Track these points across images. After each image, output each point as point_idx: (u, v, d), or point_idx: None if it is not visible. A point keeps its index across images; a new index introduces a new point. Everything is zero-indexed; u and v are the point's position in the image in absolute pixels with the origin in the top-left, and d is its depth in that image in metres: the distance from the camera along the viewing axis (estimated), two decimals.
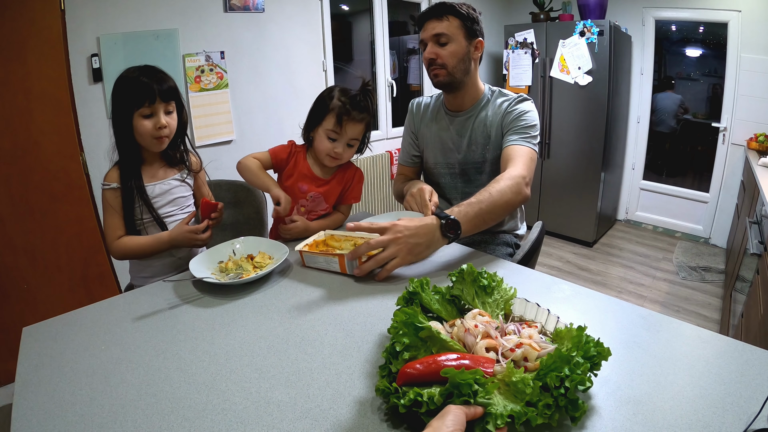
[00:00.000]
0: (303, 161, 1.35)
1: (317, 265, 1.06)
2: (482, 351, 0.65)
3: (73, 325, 0.85)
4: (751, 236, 1.85)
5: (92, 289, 2.04)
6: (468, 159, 1.42)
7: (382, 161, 3.25)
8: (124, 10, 2.01)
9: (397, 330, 0.66)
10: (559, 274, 2.77)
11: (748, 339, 1.57)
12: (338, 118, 1.23)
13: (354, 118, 1.24)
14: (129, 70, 1.13)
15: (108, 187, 1.15)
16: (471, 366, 0.59)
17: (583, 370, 0.56)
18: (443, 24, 1.31)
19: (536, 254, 1.45)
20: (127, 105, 1.11)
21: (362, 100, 1.25)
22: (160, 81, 1.12)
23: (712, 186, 3.41)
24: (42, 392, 0.66)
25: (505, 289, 0.80)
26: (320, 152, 1.30)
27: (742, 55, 3.06)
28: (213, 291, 0.96)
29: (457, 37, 1.31)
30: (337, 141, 1.27)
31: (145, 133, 1.12)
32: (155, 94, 1.11)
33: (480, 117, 1.40)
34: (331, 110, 1.25)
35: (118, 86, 1.12)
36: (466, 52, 1.33)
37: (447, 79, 1.34)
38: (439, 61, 1.32)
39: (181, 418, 0.60)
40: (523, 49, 3.42)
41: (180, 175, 1.26)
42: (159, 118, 1.12)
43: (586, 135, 3.30)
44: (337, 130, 1.24)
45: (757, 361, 0.68)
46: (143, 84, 1.10)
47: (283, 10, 2.61)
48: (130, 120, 1.11)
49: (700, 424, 0.56)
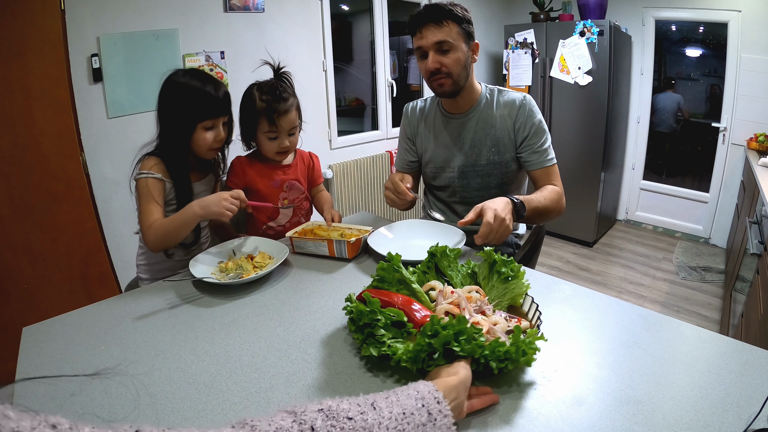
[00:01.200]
0: (257, 164, 1.37)
1: (306, 249, 1.15)
2: (441, 312, 0.74)
3: (73, 325, 0.85)
4: (751, 236, 1.85)
5: (92, 289, 2.03)
6: (469, 161, 1.39)
7: (382, 161, 3.25)
8: (124, 10, 2.01)
9: (378, 274, 0.85)
10: (559, 274, 2.77)
11: (748, 339, 1.57)
12: (269, 118, 1.26)
13: (283, 109, 1.26)
14: (182, 75, 1.12)
15: (151, 176, 1.11)
16: (403, 305, 0.74)
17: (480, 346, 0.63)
18: (444, 31, 1.24)
19: (536, 254, 1.46)
20: (191, 115, 1.11)
21: (281, 88, 1.27)
22: (219, 88, 1.14)
23: (712, 186, 3.41)
24: (42, 392, 0.66)
25: (522, 283, 0.84)
26: (269, 153, 1.33)
27: (742, 55, 3.06)
28: (213, 291, 0.96)
29: (459, 43, 1.27)
30: (278, 138, 1.30)
31: (204, 144, 1.14)
32: (220, 109, 1.13)
33: (482, 118, 1.36)
34: (259, 113, 1.26)
35: (176, 93, 1.11)
36: (467, 57, 1.30)
37: (452, 88, 1.30)
38: (444, 70, 1.27)
39: (181, 418, 0.60)
40: (523, 49, 3.42)
41: (208, 179, 1.27)
42: (220, 131, 1.15)
43: (586, 135, 3.30)
44: (273, 129, 1.27)
45: (757, 361, 0.68)
46: (209, 95, 1.11)
47: (283, 10, 2.61)
48: (191, 129, 1.12)
49: (700, 424, 0.56)
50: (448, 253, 0.92)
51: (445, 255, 0.91)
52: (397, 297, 0.77)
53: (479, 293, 0.80)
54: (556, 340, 0.75)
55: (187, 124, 1.11)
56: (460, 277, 0.90)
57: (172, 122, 1.13)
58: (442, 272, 0.91)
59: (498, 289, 0.84)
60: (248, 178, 1.35)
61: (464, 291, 0.81)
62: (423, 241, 1.13)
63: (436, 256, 0.91)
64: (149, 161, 1.13)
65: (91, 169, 1.98)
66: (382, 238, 1.20)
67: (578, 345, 0.75)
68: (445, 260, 0.91)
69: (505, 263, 0.85)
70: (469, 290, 0.81)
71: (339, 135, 3.08)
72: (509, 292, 0.83)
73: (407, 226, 1.28)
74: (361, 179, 3.13)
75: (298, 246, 1.16)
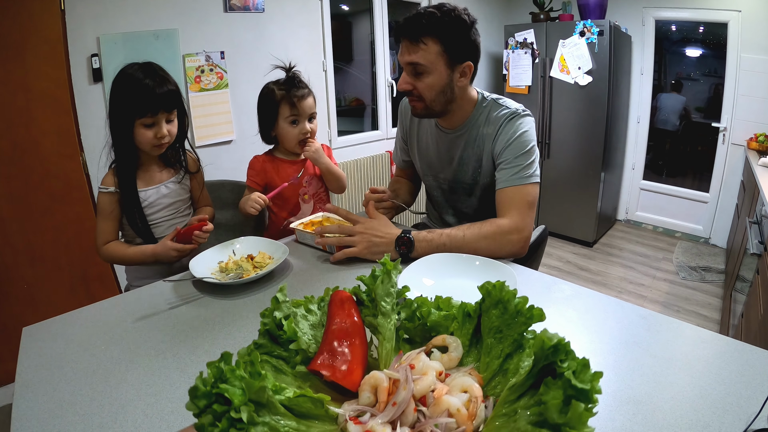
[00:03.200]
0: (276, 161, 1.43)
1: (306, 240, 1.18)
2: (365, 386, 0.46)
3: (73, 325, 0.85)
4: (751, 236, 1.85)
5: (92, 289, 2.04)
6: (458, 178, 1.29)
7: (382, 161, 3.25)
8: (124, 10, 2.01)
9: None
10: (559, 274, 2.77)
11: (748, 339, 1.57)
12: (290, 102, 1.33)
13: (301, 95, 1.34)
14: (130, 67, 1.09)
15: (105, 191, 1.13)
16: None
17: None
18: (418, 52, 1.08)
19: (537, 256, 1.38)
20: (129, 111, 1.07)
21: (296, 79, 1.36)
22: (162, 84, 1.08)
23: (712, 186, 3.41)
24: (42, 392, 0.66)
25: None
26: (291, 141, 1.38)
27: (742, 55, 3.06)
28: (213, 291, 0.96)
29: (436, 66, 1.09)
30: (299, 122, 1.36)
31: (146, 141, 1.11)
32: (158, 105, 1.07)
33: (471, 136, 1.23)
34: (280, 101, 1.34)
35: (118, 86, 1.08)
36: (446, 82, 1.12)
37: (425, 112, 1.18)
38: (416, 93, 1.14)
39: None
40: (523, 49, 3.42)
41: (176, 177, 1.25)
42: (160, 128, 1.09)
43: (586, 135, 3.30)
44: (295, 111, 1.34)
45: (757, 361, 0.67)
46: (147, 90, 1.05)
47: (283, 10, 2.61)
48: (131, 126, 1.08)
49: (700, 424, 0.56)
50: (510, 308, 0.50)
51: (502, 307, 0.51)
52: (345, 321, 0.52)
53: (471, 404, 0.44)
54: None
55: (125, 118, 1.07)
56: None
57: (114, 119, 1.10)
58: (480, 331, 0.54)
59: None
60: (268, 175, 1.41)
61: (457, 386, 0.45)
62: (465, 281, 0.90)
63: (485, 302, 0.53)
64: (109, 175, 1.15)
65: (91, 169, 1.98)
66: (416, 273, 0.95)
67: (578, 345, 0.75)
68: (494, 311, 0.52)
69: (579, 375, 0.39)
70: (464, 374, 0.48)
71: (339, 135, 3.08)
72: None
73: (442, 262, 0.99)
74: (361, 179, 3.13)
75: (300, 237, 1.20)
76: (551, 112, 3.42)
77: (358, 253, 1.05)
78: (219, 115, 2.42)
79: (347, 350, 0.48)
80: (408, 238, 1.05)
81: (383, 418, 0.41)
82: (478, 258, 1.00)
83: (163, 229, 1.22)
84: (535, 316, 0.48)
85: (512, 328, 0.48)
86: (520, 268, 1.04)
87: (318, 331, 0.52)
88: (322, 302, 0.56)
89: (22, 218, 1.83)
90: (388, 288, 0.55)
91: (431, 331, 0.53)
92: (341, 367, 0.47)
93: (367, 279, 0.57)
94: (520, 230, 1.08)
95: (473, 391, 0.44)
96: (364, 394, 0.45)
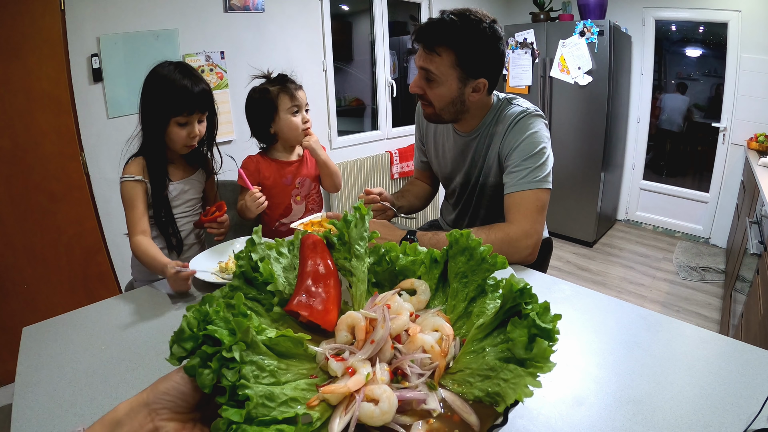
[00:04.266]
0: (269, 162, 1.43)
1: None
2: (342, 325, 0.47)
3: (73, 325, 0.85)
4: (751, 236, 1.85)
5: (92, 289, 2.03)
6: (468, 179, 1.28)
7: (382, 161, 3.25)
8: (124, 10, 2.01)
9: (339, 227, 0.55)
10: (559, 274, 2.77)
11: (748, 339, 1.57)
12: (289, 93, 1.36)
13: (295, 87, 1.38)
14: (165, 67, 1.11)
15: (131, 180, 1.12)
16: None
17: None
18: (433, 62, 1.04)
19: (543, 265, 1.33)
20: (164, 109, 1.09)
21: (285, 76, 1.39)
22: (198, 83, 1.11)
23: (712, 186, 3.41)
24: (42, 392, 0.66)
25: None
26: (292, 132, 1.39)
27: (742, 55, 3.06)
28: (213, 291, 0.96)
29: (447, 78, 1.05)
30: (298, 111, 1.38)
31: (178, 140, 1.13)
32: (195, 105, 1.10)
33: (483, 137, 1.20)
34: (278, 94, 1.36)
35: (153, 84, 1.10)
36: (457, 95, 1.08)
37: (434, 119, 1.16)
38: (427, 98, 1.12)
39: None
40: (523, 49, 3.42)
41: (196, 174, 1.26)
42: (193, 128, 1.13)
43: (586, 135, 3.30)
44: (295, 102, 1.37)
45: (757, 361, 0.68)
46: (184, 90, 1.08)
47: (283, 10, 2.61)
48: (165, 123, 1.10)
49: (700, 424, 0.56)
50: (475, 255, 0.55)
51: (468, 254, 0.55)
52: (318, 262, 0.52)
53: (442, 341, 0.46)
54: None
55: (160, 118, 1.10)
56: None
57: (147, 115, 1.12)
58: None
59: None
60: (261, 175, 1.41)
61: (429, 325, 0.48)
62: None
63: (452, 248, 0.57)
64: (132, 163, 1.14)
65: (91, 169, 1.98)
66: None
67: (578, 345, 0.75)
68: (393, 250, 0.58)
69: (542, 317, 0.43)
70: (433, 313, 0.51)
71: (339, 135, 3.08)
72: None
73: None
74: (361, 179, 3.13)
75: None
76: (551, 113, 3.42)
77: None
78: (219, 116, 2.41)
79: (322, 291, 0.49)
80: (413, 241, 1.05)
81: (363, 355, 0.43)
82: None
83: (179, 225, 1.22)
84: (499, 263, 0.52)
85: (477, 273, 0.52)
86: (520, 268, 1.04)
87: (290, 273, 0.53)
88: (292, 246, 0.57)
89: (22, 218, 1.83)
90: (362, 232, 0.57)
91: (399, 276, 0.56)
92: (318, 308, 0.47)
93: (339, 223, 0.58)
94: (529, 236, 1.03)
95: (444, 330, 0.46)
96: (342, 333, 0.46)
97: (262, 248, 0.53)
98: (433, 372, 0.43)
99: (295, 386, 0.39)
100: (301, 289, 0.49)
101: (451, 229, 1.10)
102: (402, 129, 3.47)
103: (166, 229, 1.19)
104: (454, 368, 0.44)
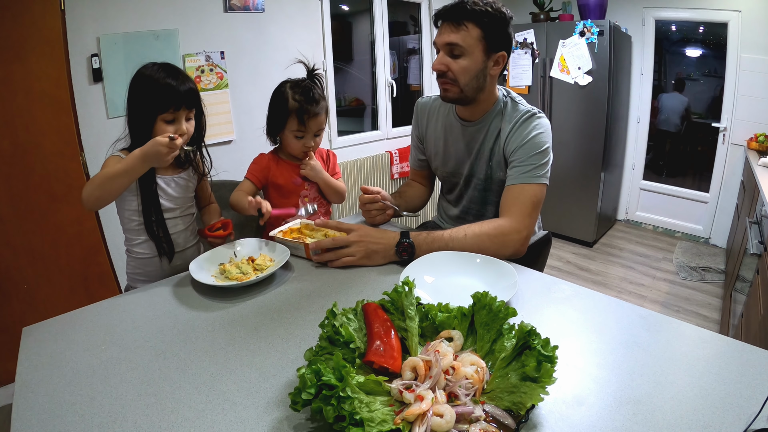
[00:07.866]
0: (281, 161, 1.41)
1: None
2: (407, 366, 0.63)
3: (73, 325, 0.85)
4: (751, 236, 1.85)
5: (92, 289, 2.04)
6: (472, 171, 1.30)
7: (382, 161, 3.25)
8: (124, 10, 2.01)
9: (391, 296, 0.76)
10: (559, 274, 2.77)
11: (748, 339, 1.57)
12: (299, 118, 1.29)
13: (314, 113, 1.30)
14: (149, 67, 1.11)
15: (117, 154, 1.10)
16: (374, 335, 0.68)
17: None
18: (459, 34, 1.12)
19: (540, 261, 1.36)
20: (151, 107, 1.09)
21: (315, 90, 1.31)
22: (184, 81, 1.11)
23: (712, 186, 3.41)
24: (42, 392, 0.66)
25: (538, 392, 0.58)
26: (294, 151, 1.37)
27: (742, 55, 3.06)
28: (213, 293, 0.96)
29: (474, 50, 1.13)
30: (304, 138, 1.34)
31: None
32: (181, 101, 1.10)
33: (491, 129, 1.25)
34: (291, 112, 1.30)
35: (140, 84, 1.10)
36: (481, 68, 1.15)
37: (457, 96, 1.19)
38: (450, 75, 1.16)
39: (181, 418, 0.60)
40: (523, 49, 3.42)
41: (186, 174, 1.25)
42: (180, 125, 1.12)
43: (586, 135, 3.30)
44: (302, 129, 1.32)
45: (757, 361, 0.68)
46: (169, 88, 1.08)
47: (283, 10, 2.61)
48: (152, 122, 1.10)
49: (700, 424, 0.56)
50: (493, 309, 0.70)
51: (487, 309, 0.71)
52: (380, 325, 0.69)
53: (479, 372, 0.62)
54: (556, 341, 0.75)
55: (147, 115, 1.10)
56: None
57: (134, 114, 1.12)
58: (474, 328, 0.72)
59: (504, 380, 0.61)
60: (270, 173, 1.39)
61: (467, 361, 0.63)
62: (469, 280, 0.95)
63: (476, 305, 0.73)
64: (122, 152, 1.13)
65: (91, 169, 1.98)
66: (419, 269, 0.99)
67: (578, 345, 0.75)
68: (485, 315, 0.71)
69: (545, 348, 0.59)
70: (471, 363, 0.63)
71: (339, 135, 3.08)
72: (517, 393, 0.58)
73: (448, 259, 1.02)
74: (360, 179, 3.13)
75: (279, 243, 1.15)
76: (551, 112, 3.42)
77: (357, 261, 1.06)
78: (219, 115, 2.42)
79: (388, 345, 0.66)
80: (409, 243, 1.05)
81: (426, 386, 0.60)
82: (479, 256, 1.01)
83: (169, 226, 1.20)
84: (510, 313, 0.70)
85: (495, 322, 0.70)
86: (520, 268, 1.04)
87: (359, 333, 0.70)
88: (354, 312, 0.74)
89: (22, 218, 1.83)
90: (411, 299, 0.75)
91: (439, 328, 0.74)
92: (388, 357, 0.65)
93: (392, 293, 0.76)
94: (519, 231, 1.09)
95: (479, 363, 0.63)
96: (407, 373, 0.63)
97: (339, 317, 0.71)
98: (475, 392, 0.60)
99: (382, 412, 0.57)
100: (373, 344, 0.66)
101: (453, 226, 1.15)
102: (402, 129, 3.47)
103: (153, 230, 1.16)
104: (488, 388, 0.62)
